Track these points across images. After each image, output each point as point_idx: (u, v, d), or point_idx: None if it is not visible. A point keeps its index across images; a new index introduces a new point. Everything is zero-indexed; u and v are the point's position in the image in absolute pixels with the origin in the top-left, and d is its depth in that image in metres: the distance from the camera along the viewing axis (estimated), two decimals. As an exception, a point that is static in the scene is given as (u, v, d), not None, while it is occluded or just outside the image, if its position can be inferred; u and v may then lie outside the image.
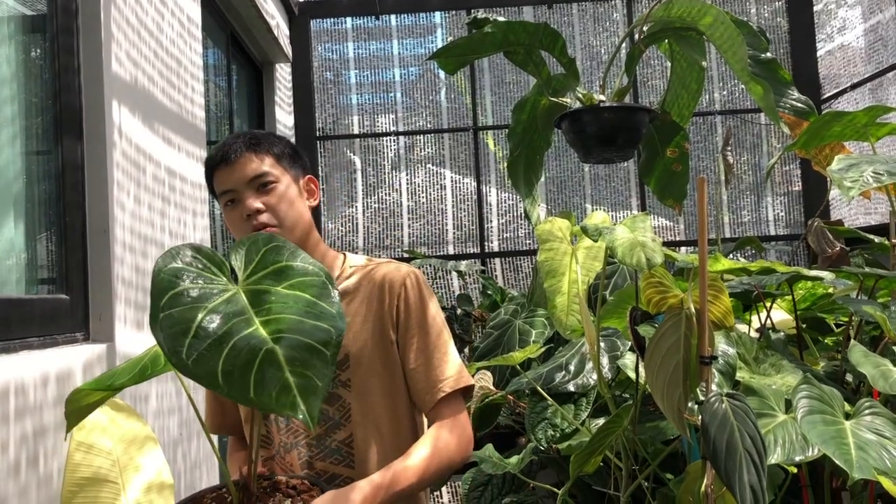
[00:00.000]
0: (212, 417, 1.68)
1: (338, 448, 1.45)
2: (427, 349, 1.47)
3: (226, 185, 1.48)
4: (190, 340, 0.89)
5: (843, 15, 4.49)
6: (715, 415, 1.11)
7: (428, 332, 1.48)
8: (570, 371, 2.05)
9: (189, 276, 0.98)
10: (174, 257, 1.00)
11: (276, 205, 1.47)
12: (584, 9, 4.54)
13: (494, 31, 2.24)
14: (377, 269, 1.53)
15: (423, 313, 1.49)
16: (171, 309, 0.93)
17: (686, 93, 2.47)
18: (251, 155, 1.48)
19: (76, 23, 1.75)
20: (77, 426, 1.52)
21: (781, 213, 4.48)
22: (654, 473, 1.74)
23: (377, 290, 1.50)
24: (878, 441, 1.20)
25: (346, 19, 4.63)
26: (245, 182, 1.47)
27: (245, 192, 1.47)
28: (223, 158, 1.48)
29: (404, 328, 1.48)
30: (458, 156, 4.57)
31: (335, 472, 1.45)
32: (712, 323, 1.39)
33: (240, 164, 1.47)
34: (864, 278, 1.91)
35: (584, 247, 1.93)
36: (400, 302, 1.48)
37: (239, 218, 1.47)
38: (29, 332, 1.50)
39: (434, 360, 1.47)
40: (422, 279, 1.53)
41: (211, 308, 0.94)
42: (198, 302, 0.94)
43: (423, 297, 1.50)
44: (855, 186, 1.68)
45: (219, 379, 0.86)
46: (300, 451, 1.46)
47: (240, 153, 1.48)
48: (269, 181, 1.48)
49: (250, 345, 0.89)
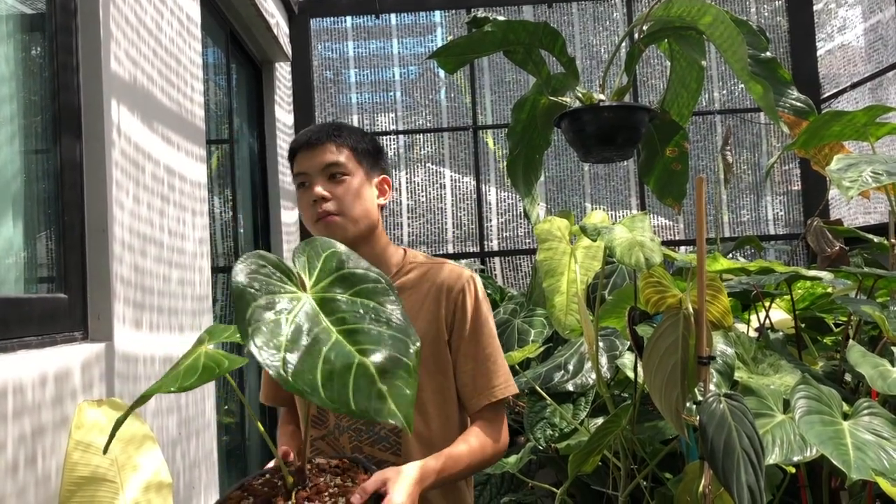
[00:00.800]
0: (266, 388, 1.76)
1: (386, 436, 1.51)
2: (479, 354, 1.54)
3: (301, 167, 1.57)
4: (283, 355, 0.95)
5: (844, 14, 4.49)
6: (713, 415, 1.11)
7: (481, 338, 1.54)
8: (568, 370, 2.05)
9: (265, 286, 1.03)
10: (248, 267, 1.05)
11: (342, 196, 1.52)
12: (584, 8, 4.53)
13: (494, 31, 2.24)
14: (437, 268, 1.59)
15: (478, 319, 1.55)
16: (258, 323, 0.98)
17: (686, 92, 2.47)
18: (330, 144, 1.55)
19: (75, 21, 1.75)
20: (75, 425, 1.53)
21: (781, 213, 4.48)
22: (653, 473, 1.74)
23: (435, 291, 1.55)
24: (877, 441, 1.20)
25: (345, 18, 4.63)
26: (318, 169, 1.54)
27: (316, 178, 1.54)
28: (306, 142, 1.56)
29: (459, 331, 1.54)
30: (458, 155, 4.57)
31: (382, 458, 1.50)
32: (711, 323, 1.39)
33: (318, 150, 1.55)
34: (862, 278, 1.91)
35: (583, 246, 1.93)
36: (457, 306, 1.54)
37: (307, 201, 1.55)
38: (27, 331, 1.50)
39: (485, 366, 1.53)
40: (479, 285, 1.59)
41: (292, 320, 0.99)
42: (279, 314, 1.00)
43: (480, 304, 1.56)
44: (854, 186, 1.68)
45: (320, 392, 0.93)
46: (350, 435, 1.52)
47: (321, 140, 1.55)
48: (340, 172, 1.54)
49: (341, 358, 0.96)
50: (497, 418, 1.53)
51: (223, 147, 3.34)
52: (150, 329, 1.97)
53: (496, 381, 1.53)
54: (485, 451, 1.48)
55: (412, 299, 1.55)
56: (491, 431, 1.51)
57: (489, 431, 1.51)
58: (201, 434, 2.32)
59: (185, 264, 2.28)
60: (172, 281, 2.15)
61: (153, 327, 1.99)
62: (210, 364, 1.11)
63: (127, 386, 1.79)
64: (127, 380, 1.80)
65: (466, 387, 1.53)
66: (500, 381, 1.53)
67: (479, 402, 1.52)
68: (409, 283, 1.57)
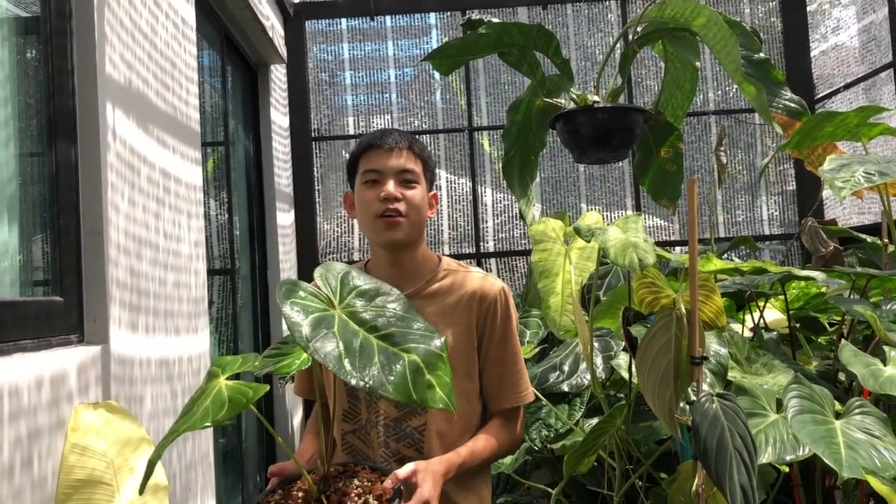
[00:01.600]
0: (300, 382, 1.87)
1: (411, 433, 1.59)
2: (507, 361, 1.65)
3: (375, 164, 1.63)
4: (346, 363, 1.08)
5: (837, 15, 4.50)
6: (705, 415, 1.12)
7: (507, 346, 1.65)
8: (564, 371, 2.05)
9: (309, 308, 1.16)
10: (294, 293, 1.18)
11: (412, 200, 1.62)
12: (579, 10, 4.54)
13: (488, 33, 2.24)
14: (470, 277, 1.67)
15: (507, 329, 1.64)
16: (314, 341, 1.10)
17: (680, 93, 2.47)
18: (409, 151, 1.64)
19: (70, 25, 1.75)
20: (72, 428, 1.53)
21: (776, 213, 4.49)
22: (648, 473, 1.75)
23: (468, 299, 1.64)
24: (868, 440, 1.21)
25: (341, 20, 4.63)
26: (395, 170, 1.62)
27: (390, 178, 1.61)
28: (385, 144, 1.63)
29: (488, 339, 1.64)
30: (454, 156, 4.57)
31: (405, 455, 1.59)
32: (704, 323, 1.40)
33: (398, 154, 1.62)
34: (856, 278, 1.92)
35: (578, 247, 1.94)
36: (489, 315, 1.63)
37: (374, 197, 1.61)
38: (23, 334, 1.50)
39: (511, 373, 1.65)
40: (510, 297, 1.69)
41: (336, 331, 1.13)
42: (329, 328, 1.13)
43: (510, 315, 1.65)
44: (846, 186, 1.68)
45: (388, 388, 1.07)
46: (379, 430, 1.60)
47: (401, 145, 1.63)
48: (413, 179, 1.63)
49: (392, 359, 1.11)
50: (516, 416, 1.67)
51: (219, 149, 3.34)
52: (146, 332, 1.97)
53: (520, 388, 1.65)
54: (502, 444, 1.61)
55: (444, 304, 1.63)
56: (510, 427, 1.65)
57: (508, 427, 1.64)
58: (197, 436, 2.32)
59: (181, 267, 2.28)
60: (168, 284, 2.16)
61: (149, 330, 1.99)
62: (236, 396, 1.17)
63: (123, 389, 1.79)
64: (123, 382, 1.80)
65: (492, 388, 1.65)
66: (522, 387, 1.66)
67: (502, 403, 1.65)
68: (444, 288, 1.65)
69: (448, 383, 1.13)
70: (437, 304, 1.63)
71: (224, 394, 1.19)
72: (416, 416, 1.60)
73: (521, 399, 1.67)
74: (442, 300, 1.64)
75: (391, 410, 1.60)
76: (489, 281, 1.67)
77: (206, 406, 1.16)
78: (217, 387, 1.21)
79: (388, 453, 1.60)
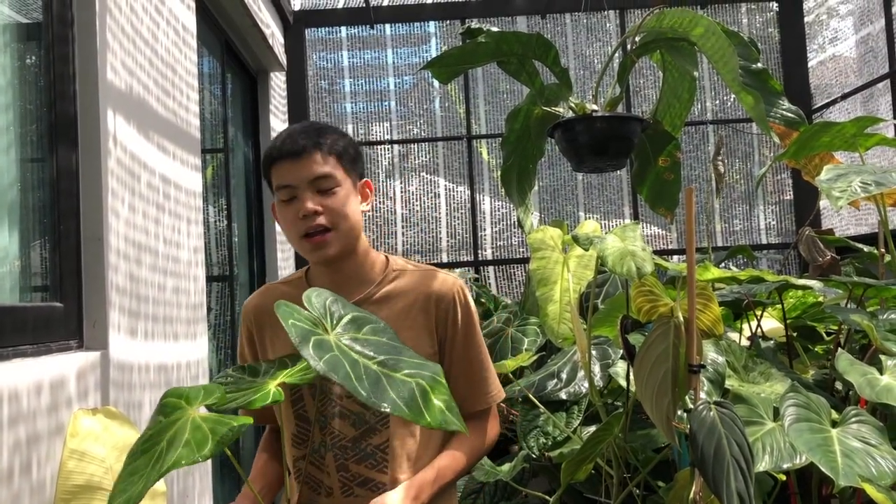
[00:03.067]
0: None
1: (373, 452, 1.44)
2: (473, 361, 1.52)
3: (286, 179, 1.44)
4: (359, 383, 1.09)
5: (835, 25, 4.53)
6: (703, 423, 1.13)
7: (473, 346, 1.52)
8: (561, 379, 2.06)
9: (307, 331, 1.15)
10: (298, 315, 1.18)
11: (335, 208, 1.43)
12: (578, 19, 4.57)
13: (487, 41, 2.26)
14: (425, 277, 1.52)
15: (469, 327, 1.51)
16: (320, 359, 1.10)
17: (678, 102, 2.49)
18: (317, 153, 1.43)
19: (72, 31, 1.76)
20: (70, 433, 1.53)
21: (773, 222, 4.51)
22: (645, 481, 1.75)
23: (423, 300, 1.49)
24: (864, 449, 1.22)
25: (340, 28, 4.65)
26: (306, 181, 1.43)
27: (305, 191, 1.43)
28: (289, 153, 1.44)
29: (451, 340, 1.50)
30: (452, 164, 4.59)
31: (368, 476, 1.44)
32: (702, 331, 1.40)
33: (304, 161, 1.43)
34: (853, 287, 1.93)
35: (576, 255, 1.95)
36: (449, 316, 1.49)
37: (294, 215, 1.44)
38: (23, 339, 1.50)
39: (479, 373, 1.52)
40: (468, 293, 1.54)
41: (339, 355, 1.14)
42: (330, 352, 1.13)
43: (470, 312, 1.52)
44: (843, 196, 1.69)
45: (404, 409, 1.09)
46: (336, 453, 1.45)
47: (306, 149, 1.43)
48: (331, 185, 1.44)
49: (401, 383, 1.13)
50: (486, 417, 1.55)
51: (218, 156, 3.35)
52: (146, 337, 1.97)
53: (490, 387, 1.53)
54: (474, 451, 1.50)
55: (398, 308, 1.48)
56: (480, 431, 1.53)
57: (479, 432, 1.52)
58: (195, 442, 2.32)
59: (180, 273, 2.29)
60: (167, 289, 2.16)
61: (148, 336, 1.99)
62: (219, 428, 1.09)
63: (122, 394, 1.80)
64: (122, 388, 1.80)
65: (460, 391, 1.49)
66: (492, 387, 1.54)
67: (474, 406, 1.52)
68: (395, 291, 1.50)
69: (455, 408, 1.14)
70: (390, 309, 1.48)
71: (202, 428, 1.09)
72: (376, 434, 1.44)
73: (493, 399, 1.54)
74: (394, 304, 1.49)
75: (347, 430, 1.44)
76: (444, 279, 1.52)
77: (186, 440, 1.07)
78: (188, 419, 1.11)
79: (348, 477, 1.44)
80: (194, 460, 1.05)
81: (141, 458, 1.08)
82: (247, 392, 1.19)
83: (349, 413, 1.44)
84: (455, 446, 1.47)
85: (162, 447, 1.08)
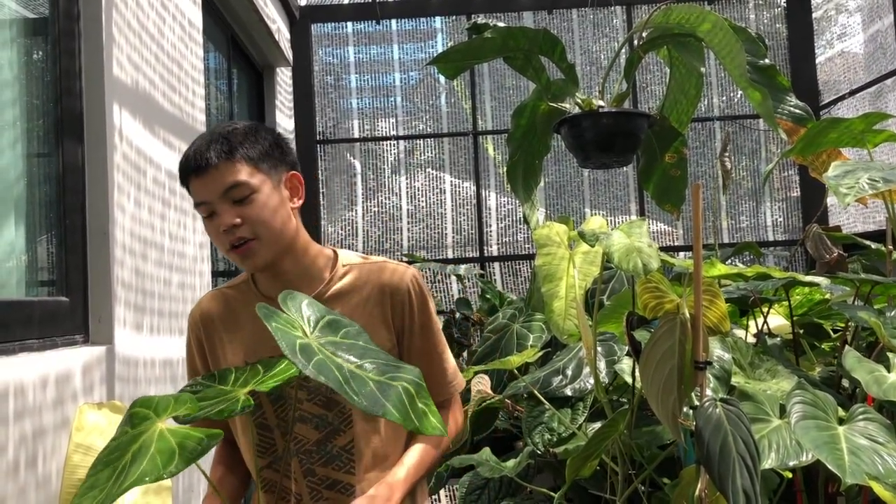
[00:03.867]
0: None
1: (339, 454, 1.42)
2: (432, 352, 1.49)
3: (200, 196, 1.36)
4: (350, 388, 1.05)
5: (844, 21, 4.51)
6: (709, 419, 1.12)
7: (430, 336, 1.49)
8: (567, 375, 2.05)
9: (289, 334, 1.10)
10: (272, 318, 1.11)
11: (254, 217, 1.35)
12: (584, 15, 4.55)
13: (494, 37, 2.25)
14: (377, 269, 1.48)
15: (426, 317, 1.48)
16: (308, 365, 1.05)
17: (685, 98, 2.48)
18: (226, 164, 1.34)
19: (78, 26, 1.76)
20: (76, 427, 1.53)
21: (780, 219, 4.49)
22: (650, 478, 1.74)
23: (377, 294, 1.45)
24: (871, 446, 1.21)
25: (346, 24, 4.65)
26: (219, 194, 1.34)
27: (220, 204, 1.34)
28: (195, 169, 1.35)
29: (408, 331, 1.47)
30: (458, 160, 4.58)
31: (336, 478, 1.42)
32: (708, 328, 1.40)
33: (213, 174, 1.34)
34: (860, 284, 1.92)
35: (582, 252, 1.94)
36: (405, 307, 1.46)
37: (215, 231, 1.37)
38: (29, 333, 1.51)
39: (438, 364, 1.50)
40: (422, 281, 1.51)
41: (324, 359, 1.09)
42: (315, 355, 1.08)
43: (426, 301, 1.49)
44: (850, 193, 1.68)
45: (393, 413, 1.05)
46: (301, 458, 1.41)
47: (212, 162, 1.33)
48: (246, 193, 1.35)
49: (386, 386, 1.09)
50: (449, 407, 1.53)
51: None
52: (151, 332, 1.98)
53: (449, 377, 1.52)
54: (442, 443, 1.48)
55: (351, 304, 1.44)
56: (447, 420, 1.52)
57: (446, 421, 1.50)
58: (201, 437, 2.33)
59: (186, 268, 2.29)
60: (173, 284, 2.16)
61: (154, 330, 1.99)
62: (188, 443, 1.02)
63: (128, 389, 1.80)
64: (128, 382, 1.81)
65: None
66: (452, 376, 1.53)
67: (435, 397, 1.40)
68: (348, 287, 1.45)
69: (437, 412, 1.11)
70: (344, 306, 1.43)
71: (169, 441, 1.03)
72: (340, 435, 1.41)
73: (455, 388, 1.52)
74: (348, 300, 1.44)
75: (310, 433, 1.41)
76: (397, 269, 1.48)
77: (152, 455, 1.01)
78: (156, 432, 1.06)
79: (315, 481, 1.41)
80: (159, 477, 0.99)
81: (104, 471, 1.03)
82: (214, 401, 1.14)
83: (310, 416, 1.41)
84: (422, 439, 1.45)
85: (126, 461, 1.02)
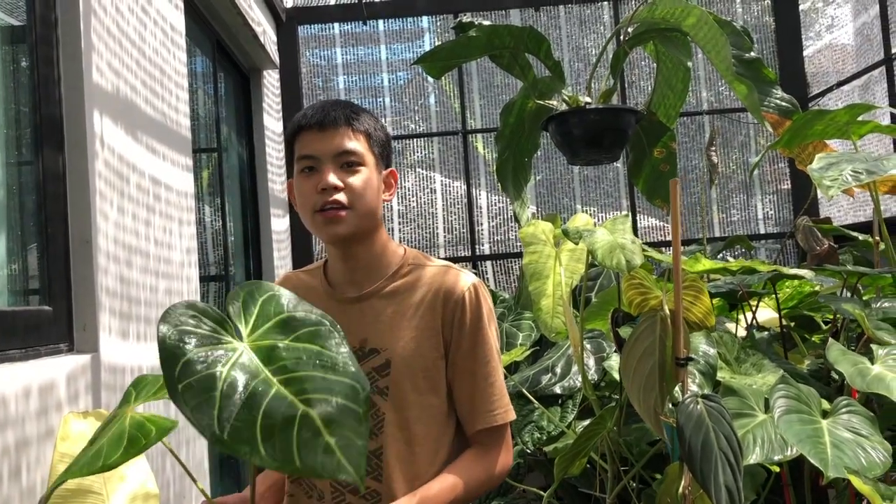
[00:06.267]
0: None
1: (367, 458, 1.30)
2: (476, 374, 1.39)
3: (309, 149, 1.39)
4: (217, 413, 0.85)
5: (832, 13, 4.51)
6: (690, 416, 1.12)
7: (478, 355, 1.39)
8: (556, 373, 2.05)
9: (193, 337, 0.92)
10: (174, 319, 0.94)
11: (355, 187, 1.37)
12: (571, 11, 4.55)
13: (479, 35, 2.24)
14: (438, 273, 1.42)
15: (478, 333, 1.39)
16: (188, 378, 0.87)
17: (672, 93, 2.47)
18: (347, 129, 1.38)
19: (56, 33, 1.75)
20: (61, 437, 1.53)
21: (771, 212, 4.49)
22: (640, 474, 1.74)
23: (431, 298, 1.39)
24: (855, 439, 1.21)
25: (333, 25, 4.64)
26: (332, 154, 1.37)
27: (329, 163, 1.37)
28: (317, 123, 1.38)
29: (456, 345, 1.39)
30: (448, 159, 4.58)
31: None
32: (693, 324, 1.40)
33: (333, 133, 1.37)
34: (847, 276, 1.92)
35: (568, 249, 1.94)
36: (456, 317, 1.38)
37: (312, 188, 1.37)
38: (11, 343, 1.50)
39: (483, 387, 1.39)
40: (482, 293, 1.42)
41: (226, 373, 0.89)
42: (211, 367, 0.89)
43: (481, 316, 1.40)
44: (834, 185, 1.68)
45: (261, 450, 0.83)
46: None
47: (337, 123, 1.38)
48: (356, 161, 1.38)
49: (282, 411, 0.86)
50: (495, 443, 1.39)
51: (212, 155, 3.34)
52: (137, 339, 1.97)
53: (494, 405, 1.38)
54: (476, 482, 1.35)
55: (406, 304, 1.39)
56: (486, 459, 1.39)
57: (483, 459, 1.38)
58: (192, 443, 2.32)
59: (173, 274, 2.28)
60: (159, 291, 2.15)
61: (140, 338, 1.99)
62: (136, 434, 0.97)
63: (113, 397, 1.79)
64: (113, 391, 1.80)
65: (464, 406, 1.39)
66: (498, 404, 1.39)
67: (475, 425, 1.38)
68: (406, 286, 1.41)
69: (359, 447, 0.86)
70: (398, 305, 1.39)
71: (125, 429, 0.97)
72: (370, 439, 1.33)
73: (497, 419, 1.38)
74: (403, 300, 1.40)
75: None
76: (457, 275, 1.41)
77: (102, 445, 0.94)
78: (122, 416, 1.00)
79: (340, 483, 1.36)
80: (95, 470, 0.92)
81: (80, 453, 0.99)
82: None
83: None
84: (456, 470, 1.35)
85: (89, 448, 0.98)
